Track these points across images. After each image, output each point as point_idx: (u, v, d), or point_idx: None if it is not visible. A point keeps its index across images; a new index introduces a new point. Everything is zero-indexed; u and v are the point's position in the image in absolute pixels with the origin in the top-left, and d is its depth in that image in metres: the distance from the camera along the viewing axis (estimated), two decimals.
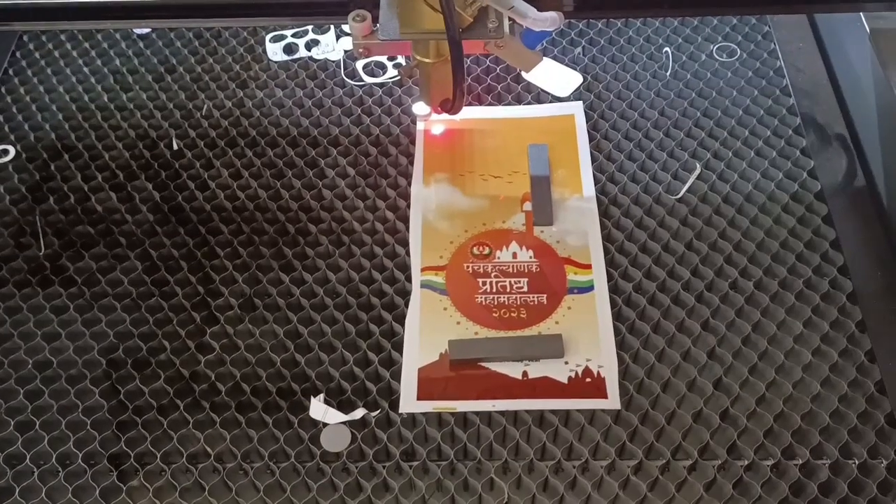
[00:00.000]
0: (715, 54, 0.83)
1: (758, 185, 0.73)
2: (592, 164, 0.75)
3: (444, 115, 0.66)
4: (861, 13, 0.74)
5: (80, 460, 0.60)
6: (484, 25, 0.58)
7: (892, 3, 0.65)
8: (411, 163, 0.76)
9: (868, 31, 0.73)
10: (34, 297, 0.69)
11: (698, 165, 0.75)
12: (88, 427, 0.61)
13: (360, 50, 0.61)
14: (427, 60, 0.62)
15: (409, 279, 0.69)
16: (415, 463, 0.60)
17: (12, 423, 0.62)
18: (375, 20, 0.60)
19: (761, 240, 0.70)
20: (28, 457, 0.60)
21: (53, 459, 0.60)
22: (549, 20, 0.55)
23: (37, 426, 0.61)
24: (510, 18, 0.57)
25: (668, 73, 0.82)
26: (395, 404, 0.62)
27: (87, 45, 0.87)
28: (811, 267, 0.68)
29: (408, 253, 0.70)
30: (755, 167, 0.75)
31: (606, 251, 0.70)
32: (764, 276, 0.68)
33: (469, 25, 0.57)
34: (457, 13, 0.54)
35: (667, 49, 0.83)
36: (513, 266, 0.69)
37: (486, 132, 0.78)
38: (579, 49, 0.84)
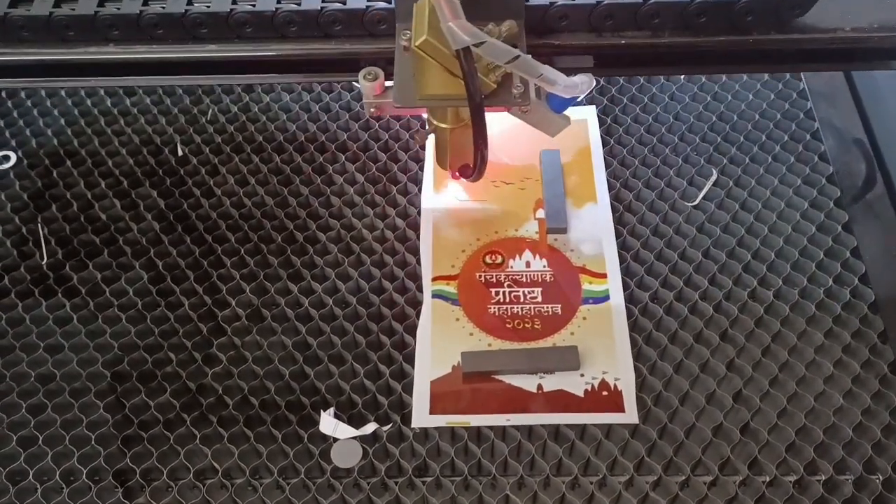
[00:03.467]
0: None
1: (776, 192, 0.72)
2: (606, 169, 0.74)
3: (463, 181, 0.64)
4: None
5: (84, 476, 0.58)
6: (508, 91, 0.53)
7: None
8: (421, 168, 0.75)
9: None
10: (37, 307, 0.67)
11: (714, 171, 0.74)
12: (93, 442, 0.60)
13: (372, 110, 0.57)
14: (444, 126, 0.59)
15: (420, 289, 0.67)
16: (428, 478, 0.58)
17: (15, 438, 0.60)
18: (388, 76, 0.56)
19: (780, 248, 0.68)
20: (31, 473, 0.59)
21: (57, 476, 0.59)
22: (578, 86, 0.51)
23: (40, 441, 0.60)
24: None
25: (682, 77, 0.80)
26: (407, 418, 0.61)
27: None
28: (831, 276, 0.66)
29: (418, 261, 0.69)
30: (773, 173, 0.73)
31: (622, 259, 0.68)
32: (783, 284, 0.66)
33: (492, 91, 0.53)
34: (479, 79, 0.50)
35: None
36: (526, 275, 0.67)
37: (496, 138, 0.76)
38: None
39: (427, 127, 0.61)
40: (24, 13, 0.60)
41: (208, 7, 0.60)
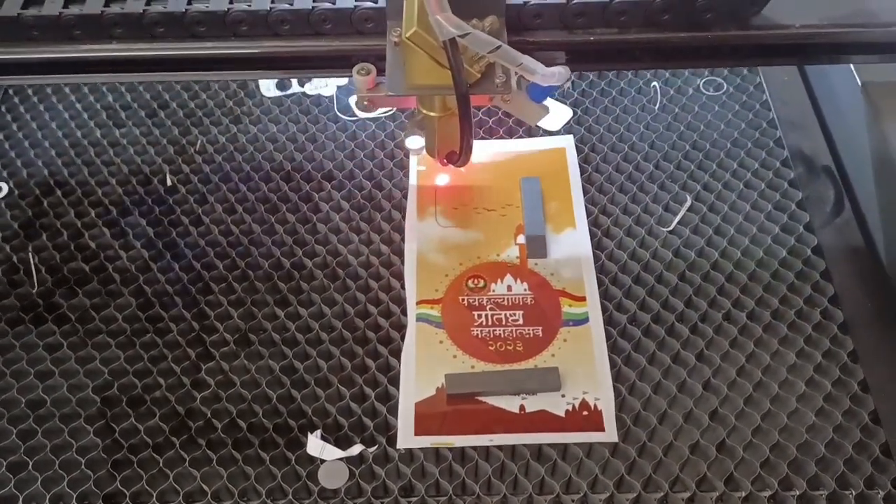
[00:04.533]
0: (702, 88, 0.84)
1: (748, 217, 0.74)
2: (584, 196, 0.76)
3: (450, 167, 0.67)
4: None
5: (74, 501, 0.59)
6: (491, 81, 0.57)
7: (884, 56, 0.67)
8: (405, 196, 0.77)
9: (851, 64, 0.74)
10: (27, 334, 0.68)
11: (688, 197, 0.76)
12: (83, 466, 0.61)
13: (365, 103, 0.61)
14: (433, 114, 0.63)
15: (404, 313, 0.69)
16: (413, 499, 0.59)
17: (5, 463, 0.61)
18: (379, 73, 0.60)
19: (753, 271, 0.71)
20: (21, 499, 0.59)
21: (47, 501, 0.59)
22: (556, 75, 0.55)
23: (29, 466, 0.61)
24: (517, 73, 0.57)
25: (656, 107, 0.83)
26: (392, 440, 0.62)
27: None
28: (802, 297, 0.69)
29: (403, 286, 0.70)
30: (745, 199, 0.76)
31: (600, 283, 0.70)
32: (756, 306, 0.68)
33: (476, 81, 0.57)
34: (465, 69, 0.54)
35: (655, 83, 0.85)
36: (508, 299, 0.69)
37: (478, 166, 0.79)
38: (568, 83, 0.85)
39: (416, 115, 0.64)
40: (36, 13, 0.63)
41: (207, 7, 0.63)
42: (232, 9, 0.63)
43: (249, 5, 0.63)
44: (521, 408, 0.63)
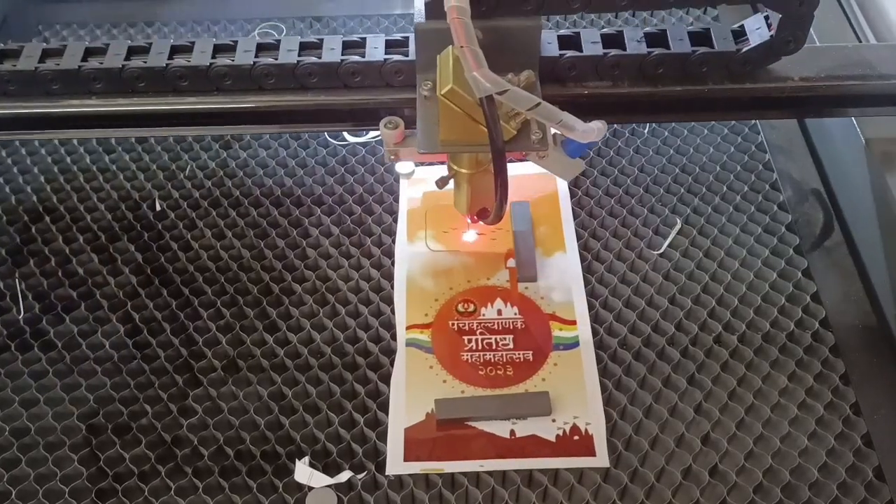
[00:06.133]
0: None
1: (738, 240, 0.74)
2: (574, 220, 0.76)
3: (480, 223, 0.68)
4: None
5: None
6: (527, 137, 0.56)
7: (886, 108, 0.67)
8: (395, 221, 0.77)
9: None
10: (12, 361, 0.67)
11: (678, 220, 0.76)
12: (66, 496, 0.60)
13: (392, 157, 0.60)
14: (464, 171, 0.62)
15: (394, 338, 0.68)
16: None
17: None
18: (406, 125, 0.59)
19: (743, 294, 0.70)
20: None
21: None
22: (595, 131, 0.53)
23: (13, 496, 0.60)
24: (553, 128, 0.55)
25: (645, 131, 0.84)
26: (381, 466, 0.61)
27: None
28: (793, 320, 0.68)
29: (393, 311, 0.70)
30: (734, 222, 0.76)
31: (591, 307, 0.70)
32: (747, 329, 0.68)
33: (513, 137, 0.56)
34: (501, 126, 0.53)
35: None
36: (498, 323, 0.69)
37: None
38: None
39: (447, 172, 0.63)
40: (11, 68, 0.62)
41: (188, 61, 0.63)
42: (214, 63, 0.63)
43: (233, 60, 0.63)
44: (512, 433, 0.62)
